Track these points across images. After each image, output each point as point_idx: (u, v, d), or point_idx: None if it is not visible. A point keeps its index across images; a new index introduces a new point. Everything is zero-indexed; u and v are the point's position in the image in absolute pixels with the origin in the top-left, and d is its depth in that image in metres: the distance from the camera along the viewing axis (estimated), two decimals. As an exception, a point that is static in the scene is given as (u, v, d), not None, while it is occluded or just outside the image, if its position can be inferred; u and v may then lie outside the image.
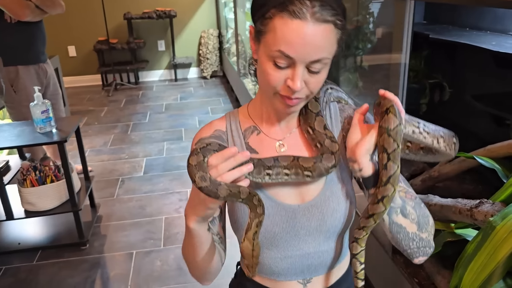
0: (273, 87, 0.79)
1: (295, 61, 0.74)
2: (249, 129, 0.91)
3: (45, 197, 2.51)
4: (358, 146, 0.79)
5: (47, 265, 2.49)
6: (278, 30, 0.73)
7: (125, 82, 6.27)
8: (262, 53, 0.78)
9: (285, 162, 0.77)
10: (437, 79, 2.46)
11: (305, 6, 0.71)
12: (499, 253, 1.08)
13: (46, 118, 2.51)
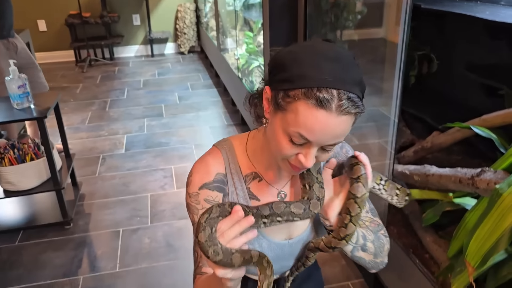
0: (284, 156, 0.81)
1: (311, 144, 0.77)
2: (251, 175, 0.93)
3: (25, 176, 2.41)
4: (330, 209, 0.87)
5: (30, 245, 2.41)
6: (301, 114, 0.73)
7: (100, 58, 6.06)
8: (279, 125, 0.79)
9: (278, 211, 0.83)
10: (425, 51, 2.45)
11: (332, 97, 0.72)
12: (505, 220, 1.08)
13: (23, 93, 2.39)
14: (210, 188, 0.92)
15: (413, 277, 1.65)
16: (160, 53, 6.39)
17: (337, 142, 0.78)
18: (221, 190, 0.93)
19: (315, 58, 0.74)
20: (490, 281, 1.32)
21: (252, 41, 3.79)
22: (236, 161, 0.93)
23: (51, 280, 2.16)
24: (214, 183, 0.92)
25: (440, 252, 1.61)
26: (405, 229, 1.85)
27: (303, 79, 0.73)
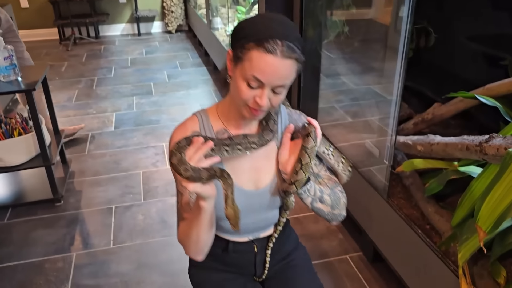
0: (244, 100, 1.00)
1: (264, 85, 0.96)
2: (221, 131, 1.12)
3: (13, 151, 2.33)
4: (288, 164, 1.08)
5: (20, 223, 2.34)
6: (254, 60, 0.94)
7: (85, 36, 5.90)
8: (238, 74, 0.98)
9: (237, 140, 1.01)
10: (422, 24, 2.42)
11: (277, 45, 0.93)
12: (519, 183, 1.07)
13: (10, 65, 2.29)
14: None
15: (414, 247, 1.65)
16: (147, 31, 6.25)
17: (284, 84, 0.97)
18: None
19: (265, 20, 0.98)
20: (496, 248, 1.31)
21: (244, 16, 3.71)
22: (209, 121, 1.13)
23: (43, 257, 2.10)
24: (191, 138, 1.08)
25: (442, 222, 1.60)
26: (405, 201, 1.84)
27: (255, 34, 0.94)
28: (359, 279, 1.94)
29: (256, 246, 1.26)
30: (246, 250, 1.27)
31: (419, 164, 1.57)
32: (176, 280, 1.93)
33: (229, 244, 1.24)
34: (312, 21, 2.42)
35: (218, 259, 1.27)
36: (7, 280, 1.97)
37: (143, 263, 2.04)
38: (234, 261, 1.28)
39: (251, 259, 1.27)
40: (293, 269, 1.34)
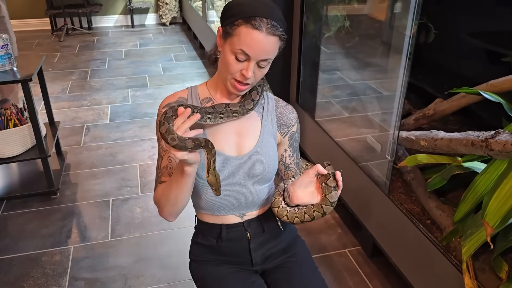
0: (232, 73, 1.08)
1: (250, 58, 1.04)
2: (206, 99, 1.21)
3: (8, 142, 2.29)
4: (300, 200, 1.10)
5: (15, 215, 2.31)
6: (242, 35, 1.03)
7: (77, 27, 5.82)
8: (227, 49, 1.06)
9: (220, 109, 1.10)
10: (422, 20, 2.43)
11: (262, 22, 1.02)
12: (528, 178, 1.08)
13: (5, 55, 2.25)
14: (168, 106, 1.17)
15: (415, 242, 1.65)
16: (140, 23, 6.19)
17: (268, 58, 1.05)
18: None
19: (252, 1, 1.05)
20: (500, 243, 1.32)
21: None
22: (197, 91, 1.22)
23: (39, 250, 2.08)
24: (176, 103, 1.18)
25: (443, 217, 1.61)
26: (405, 196, 1.85)
27: (244, 12, 1.03)
28: (359, 273, 1.95)
29: (249, 233, 1.27)
30: (239, 237, 1.28)
31: (423, 159, 1.57)
32: (176, 274, 1.92)
33: (222, 231, 1.27)
34: (312, 15, 2.41)
35: (214, 250, 1.30)
36: (3, 273, 1.94)
37: (142, 257, 2.03)
38: (230, 250, 1.29)
39: (245, 246, 1.28)
40: (294, 264, 1.35)
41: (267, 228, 1.29)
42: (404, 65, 1.65)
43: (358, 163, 2.01)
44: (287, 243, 1.36)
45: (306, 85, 2.59)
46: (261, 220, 1.28)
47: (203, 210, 1.27)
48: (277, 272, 1.34)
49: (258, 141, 1.20)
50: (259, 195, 1.25)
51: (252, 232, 1.27)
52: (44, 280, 1.91)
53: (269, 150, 1.22)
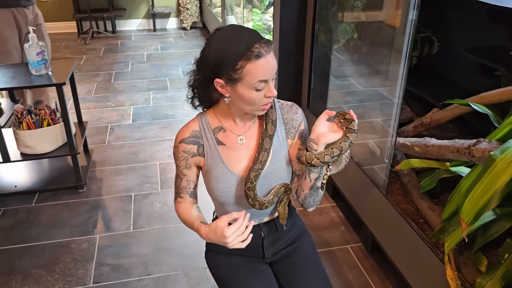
0: (258, 104, 1.19)
1: (268, 81, 1.15)
2: (217, 128, 1.30)
3: (42, 140, 2.52)
4: (325, 137, 1.21)
5: (46, 206, 2.54)
6: (253, 70, 1.12)
7: (102, 30, 6.10)
8: (242, 90, 1.15)
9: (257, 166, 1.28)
10: (427, 33, 2.57)
11: (260, 48, 1.11)
12: (497, 181, 1.23)
13: (42, 60, 2.48)
14: (186, 142, 1.31)
15: (408, 239, 1.81)
16: (162, 27, 6.44)
17: (276, 70, 1.18)
18: (195, 143, 1.31)
19: (229, 40, 1.12)
20: (479, 239, 1.48)
21: (259, 19, 3.87)
22: (207, 120, 1.31)
23: (69, 238, 2.30)
24: (190, 138, 1.30)
25: (434, 217, 1.77)
26: (402, 197, 2.00)
27: (238, 55, 1.11)
28: (358, 267, 2.11)
29: (263, 232, 1.44)
30: (255, 235, 1.44)
31: (416, 163, 1.73)
32: (191, 263, 2.12)
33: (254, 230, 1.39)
34: (323, 27, 2.58)
35: None
36: (36, 257, 2.16)
37: (161, 247, 2.23)
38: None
39: (259, 243, 1.45)
40: (299, 253, 1.52)
41: (279, 227, 1.46)
42: (402, 72, 1.80)
43: (361, 166, 2.18)
44: (296, 237, 1.53)
45: (317, 92, 2.77)
46: (275, 220, 1.45)
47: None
48: (283, 261, 1.51)
49: (272, 158, 1.31)
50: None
51: (266, 231, 1.44)
52: (73, 264, 2.12)
53: (283, 165, 1.34)
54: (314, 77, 2.70)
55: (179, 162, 1.33)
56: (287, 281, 1.46)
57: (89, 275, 2.06)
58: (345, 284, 2.02)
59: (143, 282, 2.02)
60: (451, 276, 1.49)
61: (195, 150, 1.31)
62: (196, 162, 1.33)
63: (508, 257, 1.45)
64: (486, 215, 1.46)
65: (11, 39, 2.92)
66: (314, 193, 1.33)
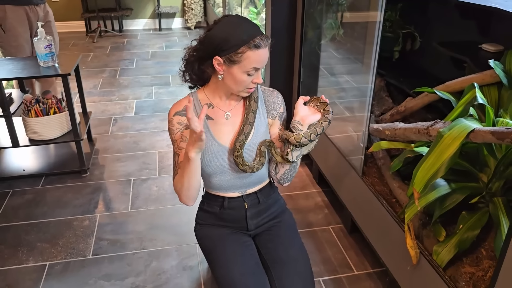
0: (245, 86, 1.39)
1: (259, 69, 1.36)
2: (207, 105, 1.44)
3: (49, 127, 2.72)
4: (308, 119, 1.45)
5: (52, 189, 2.73)
6: (252, 57, 1.31)
7: (110, 29, 6.32)
8: (237, 71, 1.34)
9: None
10: (409, 29, 2.73)
11: (261, 40, 1.31)
12: (444, 154, 1.39)
13: (50, 53, 2.68)
14: (180, 114, 1.47)
15: (381, 217, 1.97)
16: (167, 27, 6.65)
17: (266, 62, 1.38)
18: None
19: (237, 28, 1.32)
20: (436, 211, 1.64)
21: (256, 17, 4.05)
22: (198, 97, 1.49)
23: (72, 216, 2.48)
24: (183, 111, 1.45)
25: (403, 195, 1.92)
26: (378, 179, 2.16)
27: (243, 41, 1.30)
28: (338, 245, 2.27)
29: (247, 203, 1.62)
30: (239, 206, 1.62)
31: (384, 145, 1.89)
32: (183, 239, 2.29)
33: (224, 202, 1.61)
34: (311, 24, 2.75)
35: (216, 216, 1.64)
36: (42, 232, 2.35)
37: (156, 225, 2.41)
38: (230, 217, 1.63)
39: (243, 214, 1.63)
40: (279, 227, 1.69)
41: (262, 201, 1.64)
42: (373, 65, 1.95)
43: (341, 152, 2.34)
44: (277, 213, 1.71)
45: (305, 87, 2.93)
46: (258, 194, 1.62)
47: (211, 188, 1.61)
48: (264, 234, 1.68)
49: (254, 133, 1.50)
50: (257, 176, 1.57)
51: (249, 203, 1.62)
52: (74, 239, 2.31)
53: (263, 138, 1.52)
54: (303, 71, 2.87)
55: (175, 135, 1.48)
56: (268, 251, 1.62)
57: (89, 248, 2.24)
58: (324, 260, 2.18)
59: (138, 255, 2.20)
60: (411, 244, 1.64)
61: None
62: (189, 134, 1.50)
63: (462, 228, 1.61)
64: (442, 189, 1.62)
65: (23, 34, 3.12)
66: (293, 168, 1.54)
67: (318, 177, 2.76)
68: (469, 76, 1.84)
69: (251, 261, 1.56)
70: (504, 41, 2.05)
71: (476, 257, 1.64)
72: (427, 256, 1.63)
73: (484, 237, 1.68)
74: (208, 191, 1.65)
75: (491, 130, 1.31)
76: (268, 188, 1.66)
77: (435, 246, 1.61)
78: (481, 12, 2.08)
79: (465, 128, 1.39)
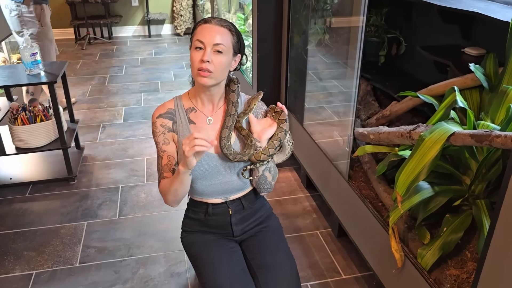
0: (195, 66, 1.34)
1: (205, 45, 1.32)
2: (189, 108, 1.49)
3: (35, 135, 2.70)
4: (264, 134, 1.46)
5: (40, 197, 2.72)
6: (198, 30, 1.35)
7: (99, 36, 6.31)
8: (192, 49, 1.35)
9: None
10: (394, 34, 2.76)
11: (212, 19, 1.36)
12: (426, 157, 1.40)
13: (35, 61, 2.67)
14: (163, 117, 1.48)
15: (367, 221, 1.98)
16: (157, 33, 6.65)
17: (220, 43, 1.32)
18: (170, 118, 1.48)
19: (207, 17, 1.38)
20: (420, 214, 1.65)
21: (243, 23, 4.07)
22: (181, 101, 1.50)
23: (59, 224, 2.47)
24: (166, 114, 1.48)
25: (388, 199, 1.93)
26: (364, 183, 2.17)
27: (200, 21, 1.38)
28: (325, 249, 2.28)
29: (231, 209, 1.62)
30: (223, 213, 1.62)
31: (369, 149, 1.90)
32: (170, 245, 2.28)
33: (209, 208, 1.61)
34: (297, 29, 2.77)
35: (201, 223, 1.64)
36: (29, 240, 2.33)
37: (143, 232, 2.40)
38: (215, 223, 1.63)
39: (227, 220, 1.63)
40: (265, 233, 1.69)
41: (246, 206, 1.64)
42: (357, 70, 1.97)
43: (328, 157, 2.35)
44: (263, 218, 1.71)
45: (292, 91, 2.95)
46: (242, 199, 1.62)
47: (195, 194, 1.61)
48: (250, 240, 1.68)
49: (235, 138, 1.51)
50: (239, 182, 1.57)
51: (233, 209, 1.61)
52: (61, 247, 2.29)
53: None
54: (290, 76, 2.88)
55: (158, 137, 1.49)
56: (254, 256, 1.62)
57: (76, 256, 2.23)
58: (312, 265, 2.18)
59: (125, 262, 2.19)
60: (396, 248, 1.65)
61: (170, 126, 1.48)
62: (172, 137, 1.50)
63: (446, 230, 1.62)
64: (425, 192, 1.63)
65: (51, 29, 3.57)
66: (263, 180, 1.56)
67: (306, 181, 2.77)
68: (451, 80, 1.86)
69: (237, 267, 1.56)
70: (486, 45, 2.08)
71: (461, 259, 1.65)
72: (412, 259, 1.64)
73: (469, 239, 1.69)
74: (193, 198, 1.65)
75: (471, 133, 1.33)
76: (252, 193, 1.66)
77: (420, 249, 1.62)
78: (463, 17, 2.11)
79: (445, 131, 1.41)
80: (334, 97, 2.73)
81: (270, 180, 1.56)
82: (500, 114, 1.56)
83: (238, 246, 1.67)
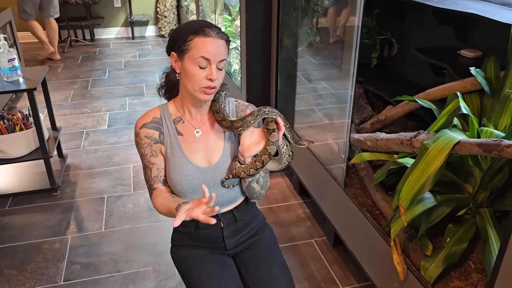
0: (199, 83, 1.24)
1: (210, 62, 1.22)
2: (177, 119, 1.38)
3: (15, 144, 2.57)
4: (248, 151, 1.33)
5: (20, 210, 2.59)
6: (199, 45, 1.21)
7: (80, 39, 6.15)
8: (188, 63, 1.23)
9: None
10: (386, 36, 2.70)
11: (211, 30, 1.23)
12: (430, 167, 1.33)
13: (13, 67, 2.54)
14: (148, 127, 1.36)
15: (365, 230, 1.91)
16: (140, 35, 6.51)
17: (223, 59, 1.24)
18: (157, 129, 1.36)
19: (191, 22, 1.27)
20: (423, 224, 1.58)
21: (230, 24, 3.98)
22: (168, 110, 1.38)
23: (41, 239, 2.35)
24: (151, 123, 1.36)
25: (387, 208, 1.87)
26: (360, 190, 2.11)
27: (192, 29, 1.23)
28: (321, 259, 2.20)
29: (222, 222, 1.53)
30: (214, 226, 1.52)
31: (367, 156, 1.83)
32: (160, 259, 2.18)
33: (199, 222, 1.48)
34: (287, 32, 2.69)
35: (192, 237, 1.54)
36: (9, 258, 2.21)
37: (131, 245, 2.30)
38: (206, 237, 1.54)
39: (219, 233, 1.54)
40: (259, 245, 1.61)
41: (239, 218, 1.56)
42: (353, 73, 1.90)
43: (322, 163, 2.28)
44: (256, 230, 1.62)
45: (283, 94, 2.87)
46: (234, 211, 1.52)
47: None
48: (245, 253, 1.59)
49: (224, 150, 1.41)
50: (230, 195, 1.47)
51: (225, 222, 1.52)
52: (44, 264, 2.17)
53: (231, 152, 1.43)
54: (280, 79, 2.80)
55: (144, 150, 1.38)
56: (248, 270, 1.54)
57: (60, 273, 2.11)
58: (308, 276, 2.10)
59: (113, 278, 2.08)
60: (398, 260, 1.59)
61: (157, 137, 1.36)
62: (159, 149, 1.39)
63: (449, 241, 1.56)
64: (428, 202, 1.57)
65: None
66: (251, 190, 1.46)
67: (298, 187, 2.69)
68: (450, 83, 1.80)
69: (230, 283, 1.48)
70: (483, 47, 2.03)
71: (465, 270, 1.59)
72: (415, 271, 1.58)
73: (472, 249, 1.63)
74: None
75: (478, 142, 1.26)
76: (244, 204, 1.58)
77: (423, 262, 1.55)
78: (459, 18, 2.05)
79: (450, 140, 1.34)
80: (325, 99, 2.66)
81: (259, 190, 1.47)
82: (503, 120, 1.50)
83: (231, 260, 1.59)
